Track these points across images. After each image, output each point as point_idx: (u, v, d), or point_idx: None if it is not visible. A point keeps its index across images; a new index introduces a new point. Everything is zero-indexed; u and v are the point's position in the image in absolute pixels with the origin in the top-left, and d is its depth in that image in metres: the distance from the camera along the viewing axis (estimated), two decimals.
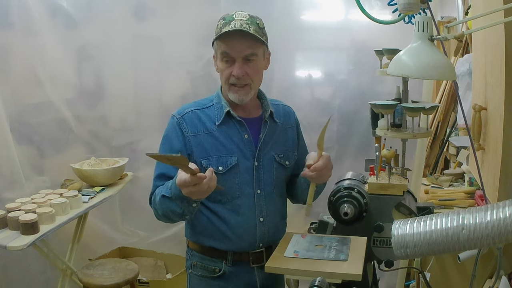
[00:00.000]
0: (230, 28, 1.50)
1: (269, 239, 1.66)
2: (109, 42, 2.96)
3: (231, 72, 1.55)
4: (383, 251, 1.62)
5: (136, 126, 3.13)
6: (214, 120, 1.61)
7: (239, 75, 1.54)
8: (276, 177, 1.67)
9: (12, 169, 2.54)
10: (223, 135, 1.60)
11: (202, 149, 1.58)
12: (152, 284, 2.87)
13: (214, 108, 1.63)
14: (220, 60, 1.56)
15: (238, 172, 1.60)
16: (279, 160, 1.67)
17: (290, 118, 1.77)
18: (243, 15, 1.55)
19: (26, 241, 2.09)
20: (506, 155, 1.53)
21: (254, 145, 1.62)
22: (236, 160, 1.59)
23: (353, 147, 2.86)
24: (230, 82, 1.57)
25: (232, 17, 1.54)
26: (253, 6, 2.67)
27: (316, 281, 1.22)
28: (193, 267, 1.69)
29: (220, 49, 1.55)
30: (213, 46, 1.61)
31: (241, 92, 1.57)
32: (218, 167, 1.57)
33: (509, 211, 1.06)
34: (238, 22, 1.51)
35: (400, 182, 1.65)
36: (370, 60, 2.25)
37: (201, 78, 2.98)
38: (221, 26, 1.54)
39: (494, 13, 1.39)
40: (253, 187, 1.62)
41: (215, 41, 1.57)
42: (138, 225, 3.22)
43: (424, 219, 1.19)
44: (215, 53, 1.61)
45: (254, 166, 1.62)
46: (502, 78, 1.51)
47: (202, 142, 1.58)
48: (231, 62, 1.54)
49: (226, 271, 1.64)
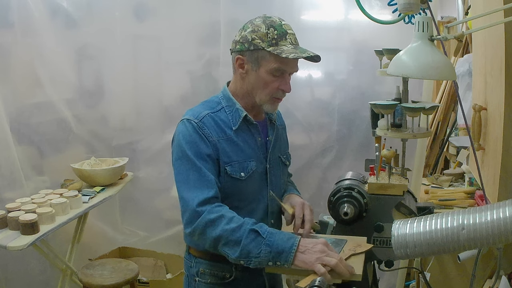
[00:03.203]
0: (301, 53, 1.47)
1: None
2: (109, 42, 2.96)
3: (278, 86, 1.52)
4: (383, 251, 1.62)
5: (136, 126, 3.12)
6: (230, 125, 1.55)
7: (289, 91, 1.54)
8: (282, 177, 1.70)
9: (12, 169, 2.54)
10: (241, 140, 1.55)
11: (225, 155, 1.51)
12: (152, 284, 2.87)
13: (225, 111, 1.57)
14: (269, 73, 1.50)
15: (256, 176, 1.58)
16: (284, 160, 1.70)
17: (281, 119, 1.79)
18: (290, 27, 1.52)
19: (26, 241, 2.09)
20: (506, 155, 1.53)
21: (265, 148, 1.63)
22: (255, 165, 1.57)
23: (353, 147, 2.86)
24: (276, 96, 1.54)
25: (284, 30, 1.50)
26: (253, 6, 2.68)
27: (316, 281, 1.22)
28: (201, 275, 1.62)
29: (275, 63, 1.48)
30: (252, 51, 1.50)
31: (277, 104, 1.59)
32: (240, 173, 1.53)
33: (509, 211, 1.06)
34: (292, 37, 1.50)
35: (400, 182, 1.65)
36: (370, 60, 2.25)
37: (201, 78, 2.98)
38: (274, 37, 1.48)
39: (494, 13, 1.39)
40: (267, 190, 1.62)
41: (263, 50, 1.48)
42: (138, 225, 3.22)
43: (424, 219, 1.19)
44: (256, 61, 1.50)
45: (267, 169, 1.62)
46: (502, 78, 1.51)
47: (224, 147, 1.52)
48: (279, 76, 1.51)
49: (237, 276, 1.60)
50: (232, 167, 1.52)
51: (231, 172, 1.51)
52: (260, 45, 1.48)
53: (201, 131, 1.49)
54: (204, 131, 1.49)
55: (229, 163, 1.51)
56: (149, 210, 3.15)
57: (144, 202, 3.14)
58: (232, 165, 1.52)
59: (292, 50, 1.47)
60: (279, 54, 1.46)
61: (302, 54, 1.47)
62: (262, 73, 1.50)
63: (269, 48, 1.47)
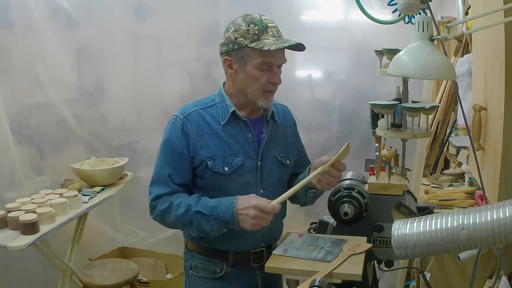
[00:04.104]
0: (282, 43, 1.49)
1: (270, 238, 1.67)
2: (109, 42, 2.96)
3: (267, 79, 1.54)
4: (383, 251, 1.63)
5: (136, 126, 3.12)
6: (219, 120, 1.60)
7: (279, 83, 1.57)
8: (278, 176, 1.67)
9: (12, 169, 2.54)
10: (228, 135, 1.59)
11: (208, 150, 1.57)
12: (152, 284, 2.87)
13: (217, 107, 1.62)
14: (256, 68, 1.53)
15: (242, 172, 1.59)
16: (281, 159, 1.68)
17: (288, 117, 1.78)
18: (271, 21, 1.55)
19: (26, 241, 2.09)
20: (506, 155, 1.53)
21: (257, 145, 1.63)
22: (241, 160, 1.59)
23: (353, 147, 2.83)
24: (266, 89, 1.56)
25: (265, 24, 1.53)
26: (253, 6, 2.68)
27: (316, 281, 1.22)
28: (193, 268, 1.69)
29: (260, 58, 1.51)
30: (237, 51, 1.53)
31: (271, 97, 1.60)
32: (224, 168, 1.56)
33: (509, 211, 1.06)
34: (274, 30, 1.53)
35: (400, 182, 1.65)
36: (370, 60, 2.25)
37: (201, 78, 2.98)
38: (256, 32, 1.51)
39: (494, 13, 1.39)
40: (256, 187, 1.62)
41: (246, 47, 1.51)
42: (138, 225, 3.22)
43: (424, 219, 1.19)
44: (241, 59, 1.54)
45: (258, 166, 1.62)
46: (502, 78, 1.51)
47: (207, 142, 1.57)
48: (267, 70, 1.54)
49: (227, 272, 1.64)
50: (214, 161, 1.56)
51: (212, 166, 1.56)
52: (243, 43, 1.52)
53: (184, 127, 1.57)
54: (187, 127, 1.57)
55: (212, 158, 1.57)
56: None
57: (144, 202, 3.10)
58: (215, 159, 1.57)
59: (273, 42, 1.50)
60: (262, 48, 1.49)
61: (284, 44, 1.50)
62: (250, 70, 1.54)
63: (251, 44, 1.51)
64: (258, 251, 1.65)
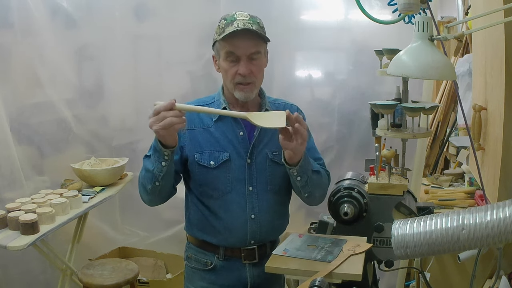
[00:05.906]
0: (235, 28, 1.51)
1: (261, 236, 1.66)
2: (109, 42, 2.96)
3: (236, 71, 1.56)
4: (383, 251, 1.63)
5: (136, 126, 3.12)
6: (212, 116, 1.64)
7: (245, 74, 1.56)
8: (270, 174, 1.65)
9: (12, 169, 2.54)
10: (218, 131, 1.63)
11: (196, 144, 1.62)
12: (152, 284, 2.87)
13: (214, 105, 1.66)
14: (224, 59, 1.57)
15: (230, 168, 1.61)
16: (273, 157, 1.65)
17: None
18: (244, 15, 1.57)
19: (26, 241, 2.09)
20: (506, 155, 1.53)
21: (249, 142, 1.63)
22: (228, 155, 1.61)
23: (353, 147, 2.86)
24: (236, 81, 1.58)
25: (234, 17, 1.55)
26: (253, 6, 2.66)
27: (316, 281, 1.22)
28: (188, 259, 1.75)
29: (224, 49, 1.56)
30: (214, 47, 1.62)
31: (247, 90, 1.60)
32: (210, 162, 1.61)
33: (509, 211, 1.06)
34: (241, 22, 1.53)
35: (400, 182, 1.65)
36: (370, 60, 2.25)
37: (201, 78, 2.98)
38: (223, 26, 1.55)
39: (494, 13, 1.39)
40: (244, 184, 1.63)
41: (217, 42, 1.59)
42: (138, 225, 3.22)
43: (424, 219, 1.19)
44: (217, 53, 1.62)
45: (247, 164, 1.63)
46: (502, 78, 1.51)
47: (197, 136, 1.63)
48: (235, 61, 1.56)
49: (217, 265, 1.67)
50: (201, 155, 1.61)
51: (199, 159, 1.61)
52: (215, 38, 1.59)
53: None
54: None
55: (199, 152, 1.62)
56: (149, 210, 3.11)
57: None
58: (202, 153, 1.62)
59: (229, 29, 1.52)
60: (220, 38, 1.54)
61: (232, 29, 1.51)
62: (221, 63, 1.60)
63: (218, 37, 1.56)
64: (249, 249, 1.66)
